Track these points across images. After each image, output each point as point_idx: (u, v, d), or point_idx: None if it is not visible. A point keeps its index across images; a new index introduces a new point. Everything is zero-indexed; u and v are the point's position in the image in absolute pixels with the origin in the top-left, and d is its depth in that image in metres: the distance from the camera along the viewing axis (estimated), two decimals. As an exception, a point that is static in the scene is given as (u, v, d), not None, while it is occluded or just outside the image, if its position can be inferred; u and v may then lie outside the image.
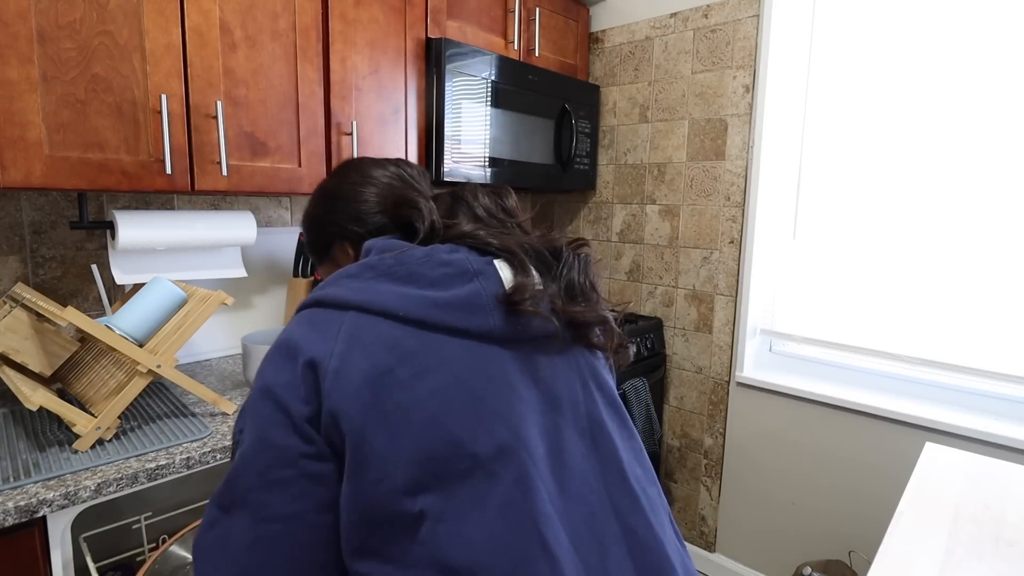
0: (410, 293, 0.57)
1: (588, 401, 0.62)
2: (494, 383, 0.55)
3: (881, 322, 1.71)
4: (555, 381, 0.60)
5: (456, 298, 0.57)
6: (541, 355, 0.60)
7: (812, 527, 1.81)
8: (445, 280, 0.58)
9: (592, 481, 0.57)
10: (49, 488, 0.85)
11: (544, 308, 0.59)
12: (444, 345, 0.55)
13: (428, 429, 0.52)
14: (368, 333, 0.55)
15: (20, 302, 1.09)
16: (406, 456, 0.51)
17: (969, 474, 1.09)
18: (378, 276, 0.59)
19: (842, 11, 1.71)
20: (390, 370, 0.53)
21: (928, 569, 0.80)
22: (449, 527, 0.50)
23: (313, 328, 0.57)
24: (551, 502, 0.53)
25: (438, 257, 0.59)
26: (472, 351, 0.56)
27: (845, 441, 1.72)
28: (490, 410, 0.54)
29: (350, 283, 0.59)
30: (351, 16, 1.41)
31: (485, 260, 0.60)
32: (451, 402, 0.53)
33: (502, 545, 0.50)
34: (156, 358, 1.02)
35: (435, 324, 0.56)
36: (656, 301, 2.11)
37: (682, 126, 1.97)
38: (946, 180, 1.57)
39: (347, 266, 0.62)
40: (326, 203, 0.76)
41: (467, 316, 0.56)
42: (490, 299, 0.57)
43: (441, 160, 1.60)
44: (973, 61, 1.50)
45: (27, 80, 0.98)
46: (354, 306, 0.57)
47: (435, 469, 0.51)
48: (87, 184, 1.06)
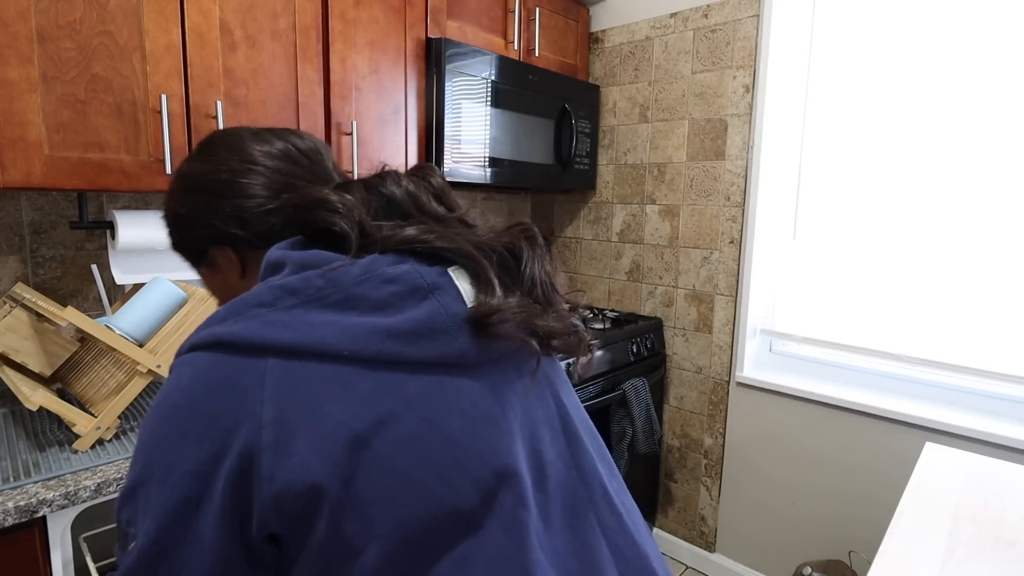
0: (352, 323, 0.44)
1: (560, 411, 0.55)
2: (467, 418, 0.46)
3: (881, 322, 1.71)
4: (530, 400, 0.52)
5: (412, 323, 0.45)
6: (512, 373, 0.51)
7: (812, 527, 1.81)
8: (393, 301, 0.46)
9: (577, 505, 0.51)
10: (49, 488, 0.85)
11: (518, 329, 0.48)
12: (403, 383, 0.45)
13: (399, 490, 0.42)
14: (304, 383, 0.43)
15: (20, 302, 1.09)
16: (375, 528, 0.42)
17: (969, 474, 1.09)
18: (304, 303, 0.45)
19: (842, 11, 1.71)
20: (343, 425, 0.42)
21: (928, 569, 0.80)
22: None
23: (223, 387, 0.43)
24: (540, 544, 0.46)
25: (381, 272, 0.47)
26: (437, 385, 0.46)
27: (845, 441, 1.72)
28: (468, 453, 0.45)
29: (265, 315, 0.45)
30: (351, 16, 1.41)
31: (438, 271, 0.48)
32: (422, 452, 0.43)
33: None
34: (156, 358, 1.02)
35: (389, 359, 0.44)
36: (656, 301, 2.11)
37: (682, 126, 1.97)
38: (946, 180, 1.57)
39: (255, 290, 0.47)
40: (194, 196, 0.59)
41: (428, 344, 0.45)
42: (453, 319, 0.46)
43: (441, 160, 1.61)
44: (973, 61, 1.50)
45: (27, 80, 0.98)
46: (277, 348, 0.43)
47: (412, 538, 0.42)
48: (87, 184, 1.06)
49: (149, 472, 0.43)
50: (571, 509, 0.50)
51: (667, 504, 2.16)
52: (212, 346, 0.45)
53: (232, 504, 0.42)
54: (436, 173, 0.57)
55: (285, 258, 0.49)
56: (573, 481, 0.51)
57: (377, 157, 1.51)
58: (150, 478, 0.43)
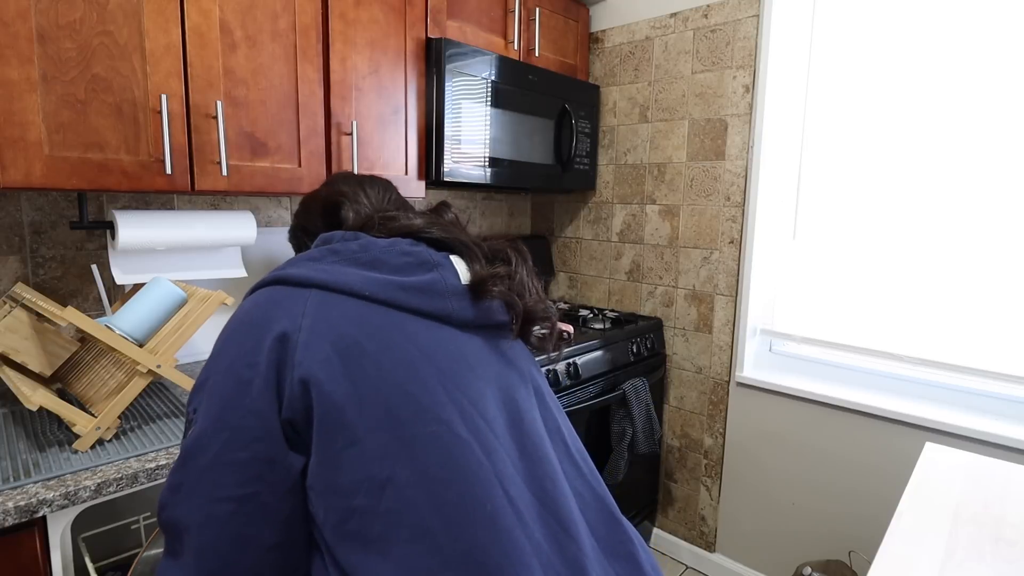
0: (374, 276, 0.60)
1: (534, 378, 0.68)
2: (453, 359, 0.59)
3: (881, 322, 1.71)
4: (509, 361, 0.65)
5: (418, 283, 0.60)
6: (493, 339, 0.65)
7: (812, 527, 1.81)
8: (407, 268, 0.62)
9: (549, 448, 0.62)
10: (49, 488, 0.85)
11: (507, 294, 0.65)
12: (408, 323, 0.59)
13: (395, 396, 0.54)
14: (334, 309, 0.57)
15: (20, 302, 1.09)
16: (374, 422, 0.53)
17: (969, 474, 1.08)
18: (342, 261, 0.61)
19: (842, 11, 1.71)
20: (357, 342, 0.55)
21: (928, 569, 0.80)
22: (417, 492, 0.51)
23: (276, 305, 0.57)
24: (512, 464, 0.57)
25: (400, 247, 0.63)
26: (433, 330, 0.60)
27: (845, 441, 1.72)
28: (451, 381, 0.57)
29: (313, 265, 0.61)
30: (351, 16, 1.41)
31: (442, 255, 0.65)
32: (416, 372, 0.56)
33: (472, 504, 0.52)
34: (156, 358, 1.02)
35: (398, 304, 0.59)
36: (656, 301, 2.11)
37: (682, 126, 1.97)
38: (946, 180, 1.57)
39: (307, 251, 0.64)
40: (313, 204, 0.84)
41: (428, 299, 0.60)
42: (449, 287, 0.62)
43: (441, 160, 1.60)
44: (973, 61, 1.50)
45: (27, 80, 0.98)
46: (317, 284, 0.58)
47: (403, 434, 0.53)
48: (87, 184, 1.06)
49: (213, 369, 0.57)
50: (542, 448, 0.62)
51: (667, 504, 2.16)
52: (271, 282, 0.61)
53: (273, 379, 0.53)
54: (449, 210, 0.76)
55: (332, 235, 0.67)
56: (543, 430, 0.64)
57: (377, 157, 1.52)
58: (214, 373, 0.56)
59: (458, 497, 0.52)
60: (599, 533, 0.62)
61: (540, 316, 0.68)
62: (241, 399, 0.54)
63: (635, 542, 0.64)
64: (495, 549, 0.51)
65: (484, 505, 0.52)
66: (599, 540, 0.61)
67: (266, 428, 0.53)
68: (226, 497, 0.53)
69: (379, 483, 0.51)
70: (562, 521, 0.57)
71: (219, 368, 0.56)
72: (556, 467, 0.61)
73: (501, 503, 0.53)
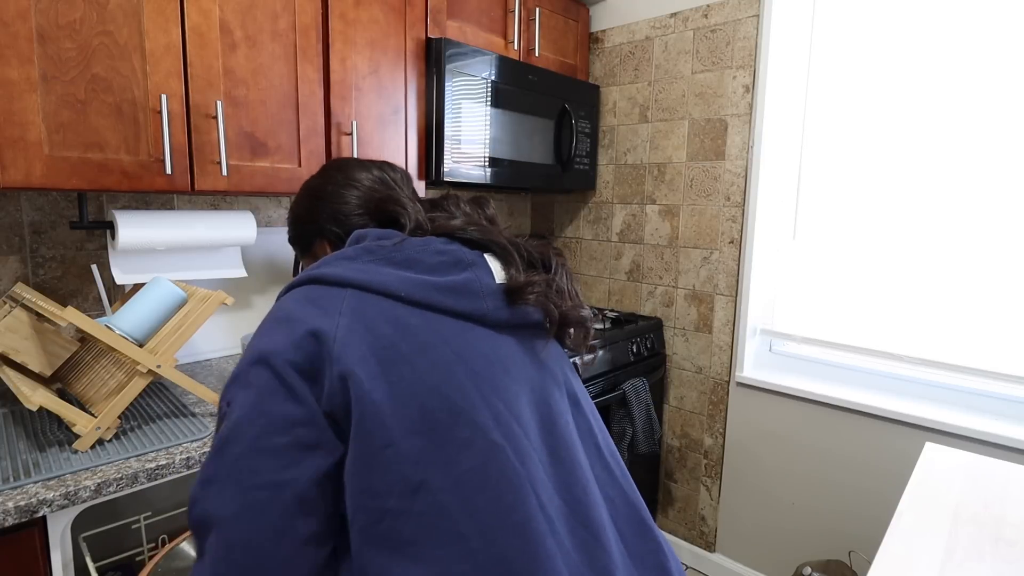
0: (409, 276, 0.59)
1: (567, 382, 0.68)
2: (488, 361, 0.59)
3: (881, 322, 1.71)
4: (544, 364, 0.65)
5: (453, 283, 0.60)
6: (529, 340, 0.65)
7: (812, 527, 1.81)
8: (441, 267, 0.61)
9: (581, 453, 0.62)
10: (49, 488, 0.85)
11: (544, 301, 0.64)
12: (443, 324, 0.59)
13: (430, 399, 0.54)
14: (370, 309, 0.57)
15: (20, 302, 1.09)
16: (409, 425, 0.53)
17: (969, 474, 1.08)
18: (377, 260, 0.61)
19: (842, 11, 1.71)
20: (394, 344, 0.55)
21: (928, 569, 0.80)
22: (451, 497, 0.51)
23: (312, 303, 0.57)
24: (544, 470, 0.57)
25: (434, 246, 0.63)
26: (468, 331, 0.60)
27: (845, 441, 1.72)
28: (487, 384, 0.57)
29: (349, 264, 0.60)
30: (351, 16, 1.41)
31: (476, 253, 0.65)
32: (451, 375, 0.56)
33: (504, 510, 0.52)
34: (156, 358, 1.02)
35: (433, 305, 0.59)
36: (656, 301, 2.11)
37: (682, 126, 1.97)
38: (946, 180, 1.57)
39: (342, 250, 0.63)
40: (309, 202, 0.79)
41: (463, 300, 0.60)
42: (484, 287, 0.62)
43: (441, 160, 1.60)
44: (973, 61, 1.50)
45: (27, 80, 0.98)
46: (354, 284, 0.58)
47: (437, 438, 0.53)
48: (87, 184, 1.06)
49: (249, 360, 0.55)
50: (574, 453, 0.61)
51: (667, 504, 2.16)
52: (307, 281, 0.60)
53: (306, 367, 0.53)
54: (490, 204, 0.75)
55: (367, 233, 0.66)
56: (575, 435, 0.63)
57: (377, 157, 1.51)
58: (249, 363, 0.55)
59: (491, 503, 0.52)
60: (629, 541, 0.61)
61: (575, 320, 0.68)
62: (278, 385, 0.53)
63: (665, 551, 0.63)
64: (526, 556, 0.51)
65: (517, 511, 0.52)
66: (629, 548, 0.61)
67: (309, 413, 0.53)
68: (263, 484, 0.51)
69: (413, 486, 0.51)
70: (592, 529, 0.57)
71: (253, 358, 0.56)
72: (587, 473, 0.61)
73: (533, 510, 0.53)
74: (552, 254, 0.69)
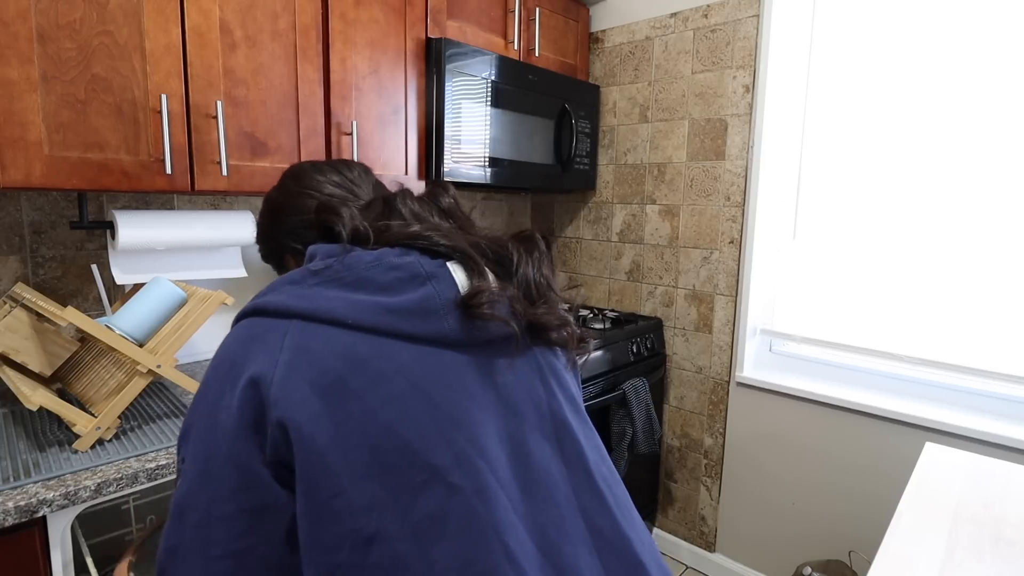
0: (359, 299, 0.54)
1: (551, 400, 0.59)
2: (451, 390, 0.53)
3: (881, 322, 1.71)
4: (516, 384, 0.58)
5: (408, 302, 0.54)
6: (499, 358, 0.57)
7: (812, 527, 1.81)
8: (396, 284, 0.55)
9: (560, 483, 0.56)
10: (49, 488, 0.85)
11: (502, 311, 0.56)
12: (398, 351, 0.53)
13: (383, 439, 0.49)
14: (315, 341, 0.52)
15: (20, 302, 1.09)
16: (360, 469, 0.48)
17: (969, 474, 1.09)
18: (324, 282, 0.55)
19: (842, 11, 1.71)
20: (340, 379, 0.50)
21: (928, 569, 0.80)
22: (408, 547, 0.47)
23: (254, 341, 0.53)
24: (514, 510, 0.52)
25: (388, 261, 0.56)
26: (427, 357, 0.53)
27: (845, 441, 1.72)
28: (447, 418, 0.52)
29: (293, 289, 0.55)
30: (351, 16, 1.41)
31: (437, 263, 0.57)
32: (406, 411, 0.51)
33: (465, 562, 0.48)
34: (156, 358, 1.02)
35: (387, 331, 0.53)
36: (656, 301, 2.11)
37: (682, 126, 1.97)
38: (946, 180, 1.57)
39: (290, 272, 0.59)
40: (269, 216, 0.76)
41: (420, 322, 0.54)
42: (444, 303, 0.55)
43: (441, 160, 1.61)
44: (973, 61, 1.50)
45: (27, 80, 0.98)
46: (298, 314, 0.53)
47: (391, 483, 0.48)
48: (87, 184, 1.06)
49: (195, 414, 0.53)
50: (554, 487, 0.56)
51: (667, 504, 2.16)
52: (251, 313, 0.56)
53: (250, 422, 0.50)
54: (447, 193, 0.68)
55: (316, 250, 0.61)
56: (555, 462, 0.57)
57: (377, 157, 1.52)
58: (196, 418, 0.53)
59: (450, 554, 0.48)
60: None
61: (548, 324, 0.59)
62: (220, 447, 0.50)
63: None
64: None
65: (478, 562, 0.48)
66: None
67: (247, 478, 0.49)
68: (223, 554, 0.49)
69: (366, 537, 0.47)
70: (565, 572, 0.52)
71: (200, 413, 0.53)
72: (563, 507, 0.55)
73: (498, 559, 0.49)
74: (513, 246, 0.61)
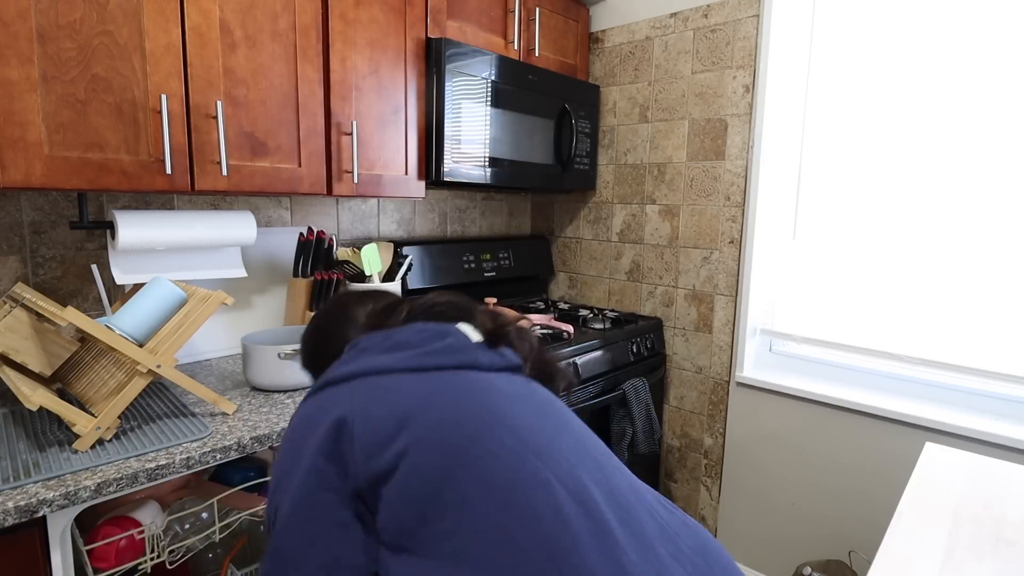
0: (403, 355, 0.68)
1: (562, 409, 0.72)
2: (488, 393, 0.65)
3: (881, 322, 1.71)
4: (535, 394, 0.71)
5: (440, 346, 0.69)
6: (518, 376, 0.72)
7: (812, 527, 1.81)
8: (427, 339, 0.70)
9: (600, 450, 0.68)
10: (49, 488, 0.85)
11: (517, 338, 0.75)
12: (439, 378, 0.66)
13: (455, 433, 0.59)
14: (377, 388, 0.64)
15: (20, 302, 1.09)
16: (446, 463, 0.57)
17: (969, 474, 1.08)
18: (371, 354, 0.69)
19: (842, 11, 1.71)
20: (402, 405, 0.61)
21: (928, 569, 0.80)
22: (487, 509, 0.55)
23: (326, 399, 0.64)
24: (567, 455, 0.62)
25: (415, 327, 0.73)
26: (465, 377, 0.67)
27: (845, 441, 1.72)
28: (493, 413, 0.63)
29: (346, 363, 0.68)
30: (351, 16, 1.41)
31: (451, 325, 0.74)
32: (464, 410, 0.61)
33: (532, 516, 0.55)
34: (156, 358, 1.02)
35: (430, 367, 0.67)
36: (656, 301, 2.11)
37: (682, 126, 1.97)
38: (946, 180, 1.57)
39: (344, 356, 0.72)
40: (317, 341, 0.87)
41: (451, 356, 0.69)
42: (468, 344, 0.71)
43: (441, 160, 1.61)
44: (973, 61, 1.50)
45: (27, 80, 0.98)
46: (360, 373, 0.66)
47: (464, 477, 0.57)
48: (87, 184, 1.06)
49: (283, 470, 0.62)
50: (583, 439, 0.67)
51: (667, 504, 2.16)
52: (320, 388, 0.67)
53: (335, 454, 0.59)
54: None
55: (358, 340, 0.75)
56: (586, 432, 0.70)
57: (377, 157, 1.52)
58: (284, 475, 0.61)
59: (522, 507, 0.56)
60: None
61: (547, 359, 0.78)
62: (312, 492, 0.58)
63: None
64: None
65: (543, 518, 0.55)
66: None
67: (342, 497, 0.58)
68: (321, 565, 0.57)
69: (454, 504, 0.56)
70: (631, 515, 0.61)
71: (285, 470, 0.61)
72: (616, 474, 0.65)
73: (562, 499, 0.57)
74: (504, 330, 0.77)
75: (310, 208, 1.76)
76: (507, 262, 2.21)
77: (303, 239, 1.57)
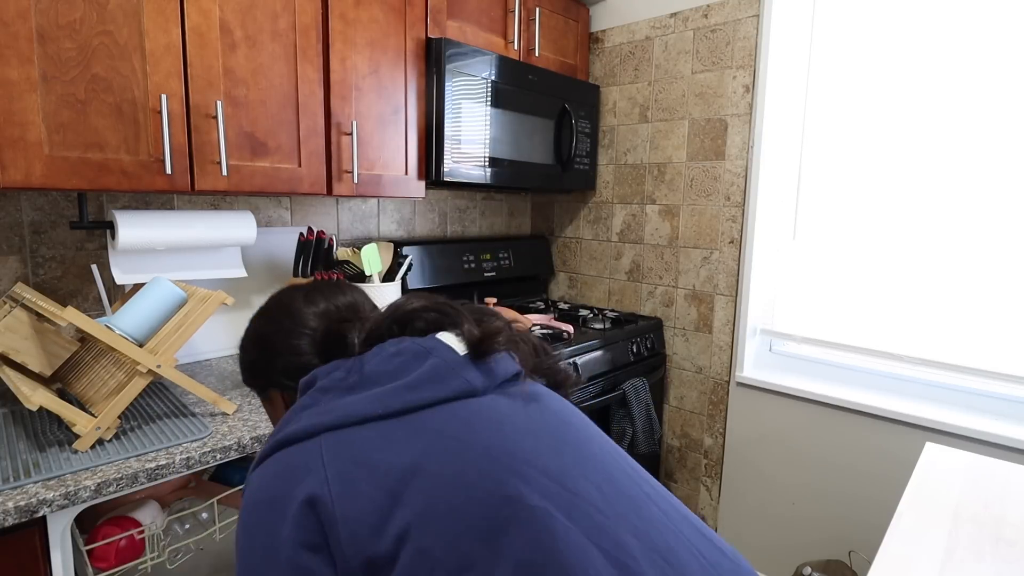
0: (377, 392, 0.55)
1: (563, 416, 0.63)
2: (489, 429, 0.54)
3: (881, 322, 1.71)
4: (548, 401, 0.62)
5: (421, 376, 0.56)
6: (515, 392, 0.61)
7: (812, 527, 1.81)
8: (403, 367, 0.57)
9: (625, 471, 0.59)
10: (49, 488, 0.85)
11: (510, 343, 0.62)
12: (432, 419, 0.54)
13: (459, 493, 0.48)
14: (354, 446, 0.51)
15: (20, 302, 1.09)
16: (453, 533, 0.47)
17: (969, 474, 1.08)
18: (338, 394, 0.56)
19: (842, 11, 1.71)
20: (394, 466, 0.50)
21: (928, 569, 0.80)
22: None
23: (288, 469, 0.51)
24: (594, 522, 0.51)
25: (386, 352, 0.59)
26: (459, 411, 0.55)
27: (845, 441, 1.72)
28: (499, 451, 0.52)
29: (310, 413, 0.55)
30: (351, 16, 1.41)
31: (430, 338, 0.61)
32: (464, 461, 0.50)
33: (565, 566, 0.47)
34: (156, 358, 1.02)
35: (417, 406, 0.54)
36: (656, 301, 2.11)
37: (682, 126, 1.97)
38: (946, 180, 1.57)
39: (300, 400, 0.59)
40: (260, 353, 0.74)
41: (439, 386, 0.56)
42: (452, 364, 0.58)
43: (441, 160, 1.61)
44: (973, 61, 1.50)
45: (27, 80, 0.98)
46: (327, 427, 0.53)
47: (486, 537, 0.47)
48: (87, 184, 1.06)
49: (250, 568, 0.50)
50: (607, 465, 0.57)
51: (667, 504, 2.16)
52: (275, 448, 0.54)
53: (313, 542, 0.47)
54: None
55: (315, 375, 0.61)
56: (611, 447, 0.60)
57: (377, 157, 1.52)
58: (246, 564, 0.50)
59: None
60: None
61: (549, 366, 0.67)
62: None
63: None
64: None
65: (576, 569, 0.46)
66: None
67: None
68: None
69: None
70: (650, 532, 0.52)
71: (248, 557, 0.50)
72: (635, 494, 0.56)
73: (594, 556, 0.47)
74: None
75: (310, 208, 1.76)
76: (507, 262, 2.21)
77: (303, 239, 1.57)
